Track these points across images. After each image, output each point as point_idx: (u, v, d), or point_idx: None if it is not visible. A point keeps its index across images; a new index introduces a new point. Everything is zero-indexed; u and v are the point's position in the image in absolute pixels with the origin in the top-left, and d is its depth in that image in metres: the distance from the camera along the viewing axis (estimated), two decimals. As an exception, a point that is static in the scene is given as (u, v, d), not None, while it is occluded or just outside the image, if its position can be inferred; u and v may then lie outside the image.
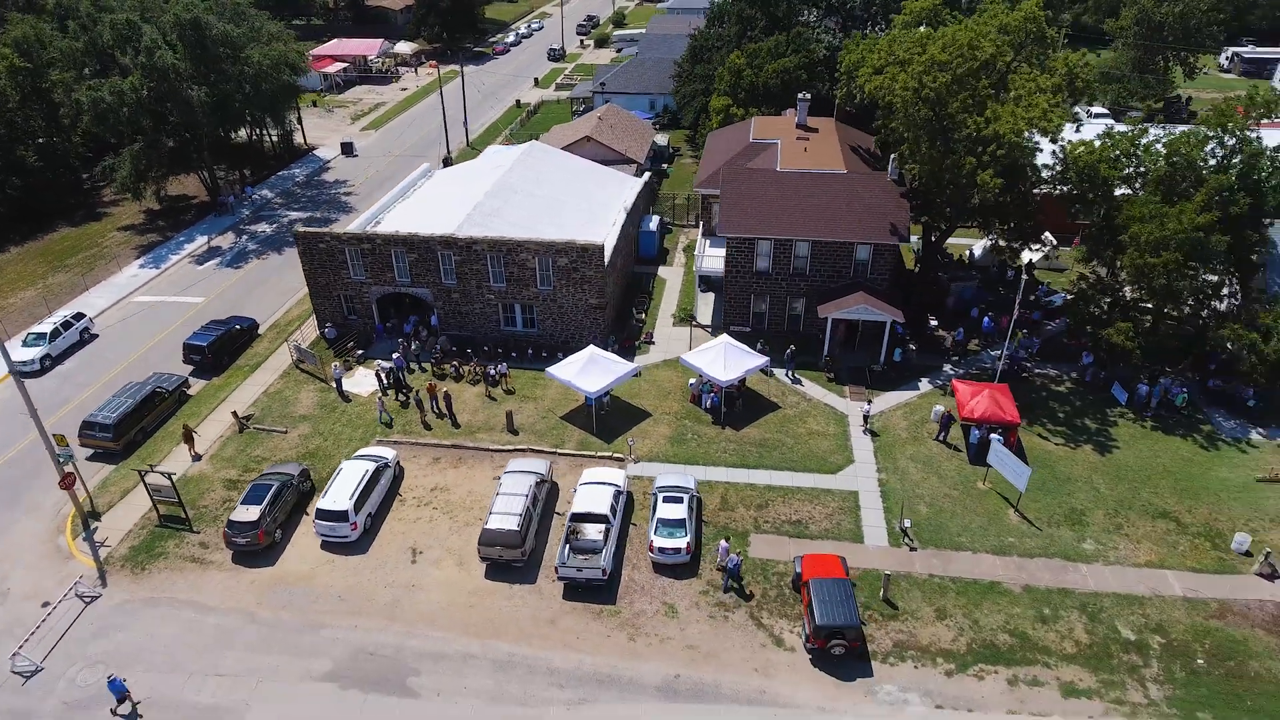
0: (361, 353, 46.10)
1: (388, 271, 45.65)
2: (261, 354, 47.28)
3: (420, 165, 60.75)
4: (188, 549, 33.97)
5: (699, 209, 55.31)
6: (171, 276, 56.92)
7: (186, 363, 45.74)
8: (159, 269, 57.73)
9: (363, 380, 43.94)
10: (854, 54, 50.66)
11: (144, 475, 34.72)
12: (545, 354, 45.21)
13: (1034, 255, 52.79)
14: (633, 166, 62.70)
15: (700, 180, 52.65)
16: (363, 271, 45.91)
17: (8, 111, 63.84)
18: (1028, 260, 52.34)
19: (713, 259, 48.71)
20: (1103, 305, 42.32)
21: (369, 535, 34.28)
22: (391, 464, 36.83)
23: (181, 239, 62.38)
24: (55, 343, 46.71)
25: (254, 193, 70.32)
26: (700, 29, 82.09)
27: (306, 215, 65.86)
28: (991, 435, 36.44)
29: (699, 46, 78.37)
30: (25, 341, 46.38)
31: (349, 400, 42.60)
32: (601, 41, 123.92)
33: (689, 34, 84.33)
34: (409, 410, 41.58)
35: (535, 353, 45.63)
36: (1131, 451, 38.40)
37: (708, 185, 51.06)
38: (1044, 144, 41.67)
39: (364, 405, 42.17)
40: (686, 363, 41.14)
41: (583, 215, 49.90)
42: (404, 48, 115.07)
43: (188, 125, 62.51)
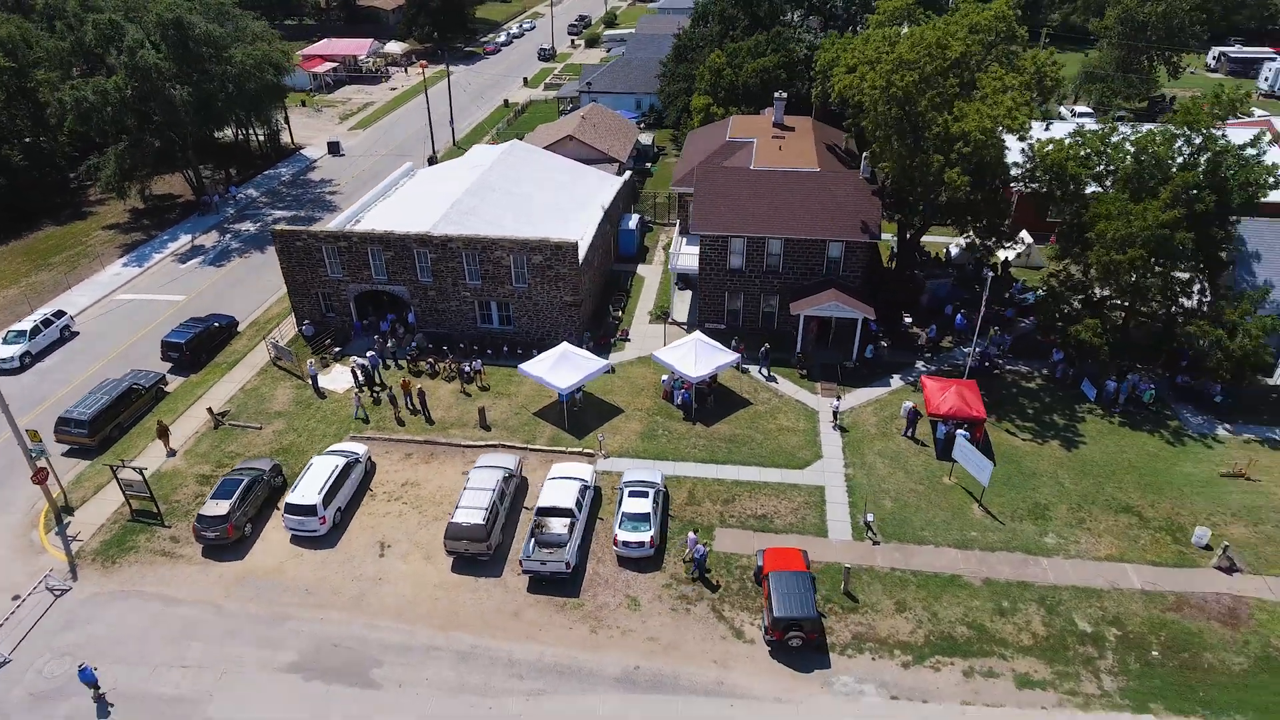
0: (339, 350, 46.43)
1: (365, 269, 45.99)
2: (240, 351, 47.60)
3: (404, 164, 61.08)
4: (159, 543, 34.29)
5: (677, 207, 55.61)
6: (154, 275, 57.21)
7: (164, 360, 46.01)
8: (142, 267, 58.03)
9: (339, 377, 44.28)
10: (829, 53, 51.02)
11: (116, 470, 35.08)
12: (521, 351, 45.48)
13: (1010, 253, 53.07)
14: (614, 165, 63.00)
15: (677, 179, 52.99)
16: (340, 269, 46.26)
17: (-7, 111, 64.24)
18: (1004, 258, 52.69)
19: (688, 257, 49.01)
20: (1073, 303, 42.63)
21: (338, 530, 34.58)
22: (363, 459, 37.12)
23: (165, 238, 62.68)
24: (35, 340, 47.03)
25: (238, 192, 70.58)
26: (685, 28, 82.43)
27: (291, 214, 66.13)
28: (957, 431, 36.81)
29: (683, 46, 78.73)
30: (5, 339, 46.65)
31: (324, 397, 42.94)
32: (592, 41, 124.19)
33: (676, 34, 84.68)
34: (383, 406, 41.93)
35: (511, 350, 45.96)
36: (1098, 447, 38.73)
37: (684, 184, 51.37)
38: (1013, 143, 41.97)
39: (339, 402, 42.49)
40: (658, 359, 41.46)
41: (560, 213, 50.22)
42: (394, 47, 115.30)
43: (171, 125, 62.87)
